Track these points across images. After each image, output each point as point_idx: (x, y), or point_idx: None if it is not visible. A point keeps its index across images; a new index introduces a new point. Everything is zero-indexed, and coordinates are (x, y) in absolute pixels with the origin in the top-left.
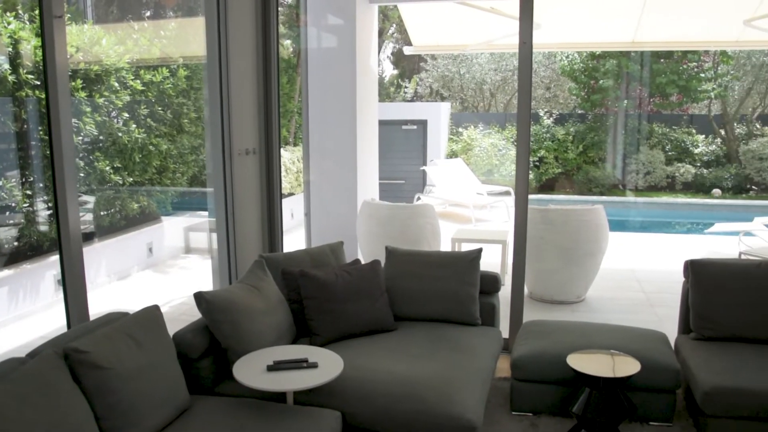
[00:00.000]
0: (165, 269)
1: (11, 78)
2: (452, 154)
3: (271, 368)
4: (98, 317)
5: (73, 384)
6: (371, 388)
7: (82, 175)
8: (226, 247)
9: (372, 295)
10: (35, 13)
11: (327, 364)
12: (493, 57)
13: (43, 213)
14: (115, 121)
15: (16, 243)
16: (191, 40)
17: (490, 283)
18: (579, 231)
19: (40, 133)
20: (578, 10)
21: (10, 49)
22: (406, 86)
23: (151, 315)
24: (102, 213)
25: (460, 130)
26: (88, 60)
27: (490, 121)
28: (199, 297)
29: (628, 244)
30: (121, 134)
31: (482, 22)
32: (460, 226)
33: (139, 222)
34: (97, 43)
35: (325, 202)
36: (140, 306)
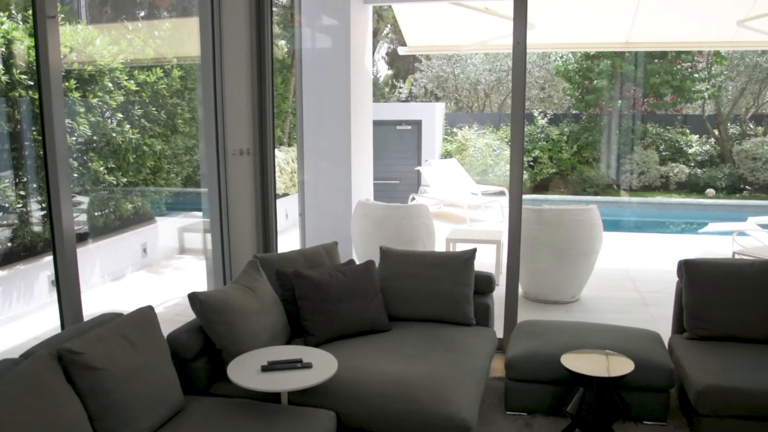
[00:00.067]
0: (159, 270)
1: (4, 78)
2: (447, 155)
3: (265, 369)
4: (92, 318)
5: (67, 385)
6: (366, 388)
7: (76, 175)
8: (220, 247)
9: (366, 295)
10: (28, 13)
11: (321, 365)
12: (488, 57)
13: (37, 213)
14: (109, 121)
15: (9, 244)
16: (185, 40)
17: (484, 283)
18: (573, 231)
19: (33, 133)
20: (572, 11)
21: (3, 49)
22: (400, 86)
23: (145, 316)
24: (96, 213)
25: (454, 130)
26: (82, 60)
27: (485, 121)
28: (194, 297)
29: (622, 244)
30: (115, 134)
31: (476, 22)
32: (454, 226)
33: (134, 222)
34: (90, 44)
35: (319, 203)
36: (134, 307)
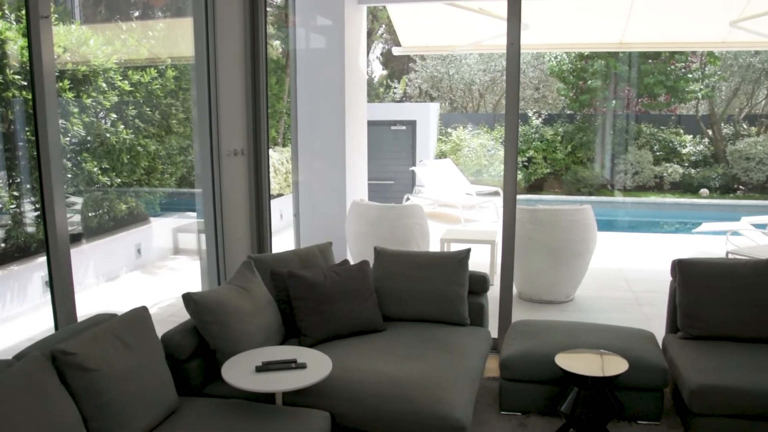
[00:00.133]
0: (153, 270)
1: None
2: (441, 155)
3: (259, 369)
4: (86, 319)
5: (61, 386)
6: (360, 388)
7: (70, 176)
8: (214, 248)
9: (361, 295)
10: (22, 13)
11: (316, 365)
12: (482, 58)
13: (31, 214)
14: (103, 121)
15: (3, 244)
16: (179, 40)
17: (478, 283)
18: (567, 231)
19: (27, 133)
20: (566, 11)
21: None
22: (395, 87)
23: (140, 316)
24: (90, 214)
25: (449, 130)
26: (76, 60)
27: (479, 121)
28: (188, 298)
29: (616, 244)
30: (109, 135)
31: (471, 23)
32: (449, 226)
33: (128, 223)
34: (84, 44)
35: (314, 203)
36: (129, 307)
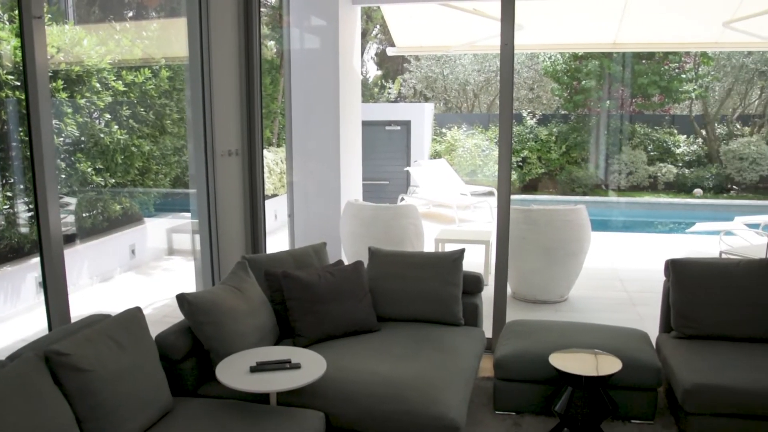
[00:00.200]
0: (148, 271)
1: None
2: (436, 155)
3: (254, 369)
4: (80, 319)
5: (54, 387)
6: (354, 388)
7: (64, 176)
8: (209, 248)
9: (355, 295)
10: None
11: (310, 365)
12: (476, 58)
13: (24, 215)
14: (96, 122)
15: None
16: (174, 40)
17: (473, 284)
18: (561, 231)
19: (20, 134)
20: (560, 12)
21: None
22: (389, 87)
23: (133, 317)
24: (84, 214)
25: (443, 130)
26: (69, 61)
27: (474, 121)
28: (182, 298)
29: (610, 244)
30: (103, 135)
31: (465, 23)
32: (443, 226)
33: (122, 223)
34: (78, 44)
35: (308, 203)
36: (123, 308)
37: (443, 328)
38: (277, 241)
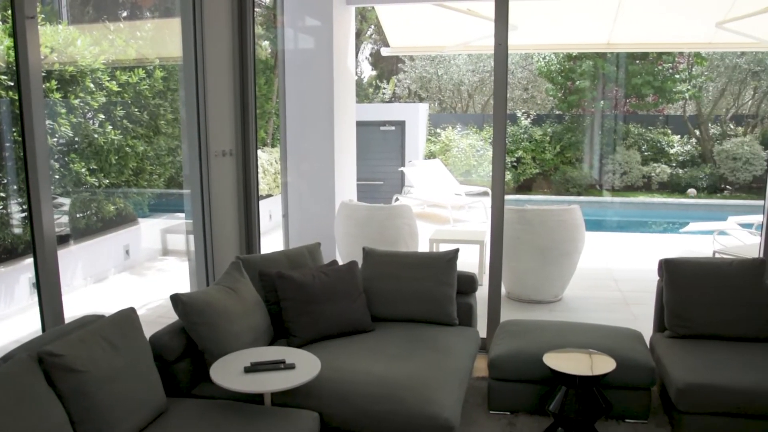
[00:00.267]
0: (142, 271)
1: None
2: (430, 155)
3: (248, 370)
4: (73, 320)
5: (48, 388)
6: (349, 388)
7: (58, 177)
8: (203, 248)
9: (349, 296)
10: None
11: (304, 365)
12: (471, 58)
13: (17, 215)
14: (90, 122)
15: None
16: (168, 41)
17: (467, 284)
18: (556, 231)
19: (13, 134)
20: (554, 12)
21: None
22: (384, 87)
23: (127, 317)
24: (78, 215)
25: (438, 131)
26: (63, 61)
27: (468, 121)
28: (176, 299)
29: (604, 244)
30: (96, 136)
31: (459, 23)
32: (438, 226)
33: (116, 224)
34: (72, 44)
35: (303, 204)
36: (117, 309)
37: (437, 328)
38: (271, 242)
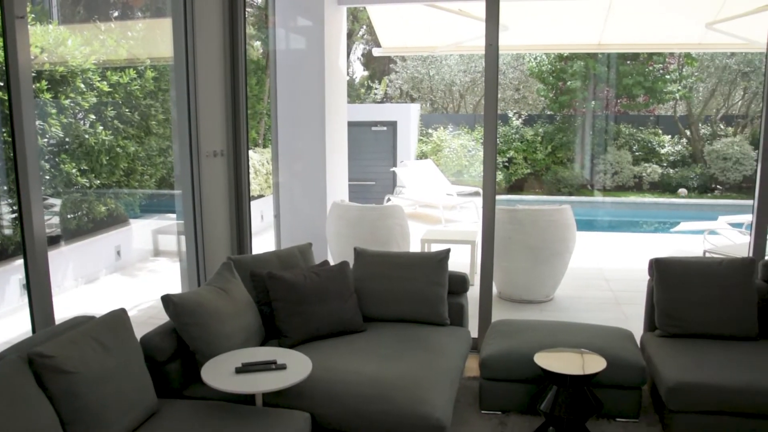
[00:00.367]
0: (133, 272)
1: None
2: (422, 156)
3: (239, 370)
4: (64, 321)
5: (38, 389)
6: (340, 389)
7: (48, 177)
8: (194, 249)
9: (341, 296)
10: None
11: (296, 366)
12: (462, 59)
13: (8, 216)
14: (81, 122)
15: None
16: (159, 41)
17: (458, 284)
18: (547, 231)
19: (3, 134)
20: (545, 13)
21: None
22: (376, 88)
23: (118, 318)
24: (69, 216)
25: (429, 131)
26: (54, 61)
27: (460, 122)
28: (167, 300)
29: (596, 244)
30: (87, 136)
31: (451, 24)
32: (429, 226)
33: (107, 225)
34: (62, 44)
35: (294, 204)
36: (108, 310)
37: (429, 328)
38: (263, 242)
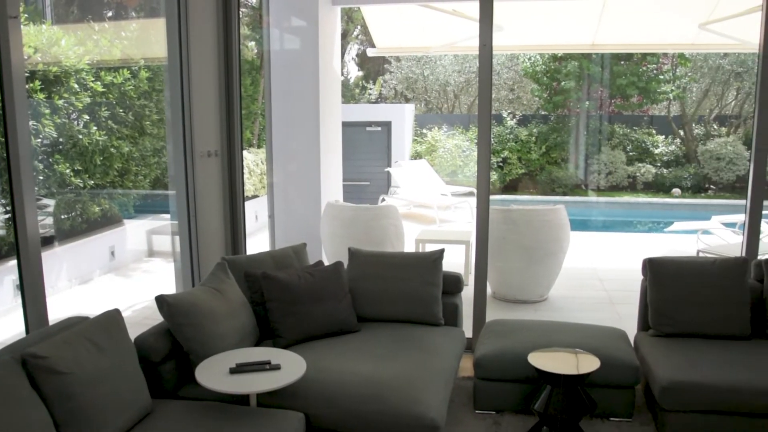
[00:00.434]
0: (128, 273)
1: None
2: (416, 156)
3: (233, 371)
4: (57, 322)
5: (32, 390)
6: (335, 389)
7: (42, 178)
8: (188, 250)
9: (335, 296)
10: None
11: (290, 366)
12: (457, 59)
13: (1, 217)
14: (75, 123)
15: None
16: (153, 41)
17: (452, 284)
18: (541, 231)
19: None
20: (539, 13)
21: None
22: (370, 88)
23: (112, 319)
24: (62, 216)
25: (424, 131)
26: (47, 61)
27: (454, 122)
28: (161, 300)
29: (590, 244)
30: (81, 136)
31: (445, 24)
32: (424, 227)
33: (101, 225)
34: (56, 44)
35: (289, 204)
36: (102, 310)
37: (423, 328)
38: (257, 243)
